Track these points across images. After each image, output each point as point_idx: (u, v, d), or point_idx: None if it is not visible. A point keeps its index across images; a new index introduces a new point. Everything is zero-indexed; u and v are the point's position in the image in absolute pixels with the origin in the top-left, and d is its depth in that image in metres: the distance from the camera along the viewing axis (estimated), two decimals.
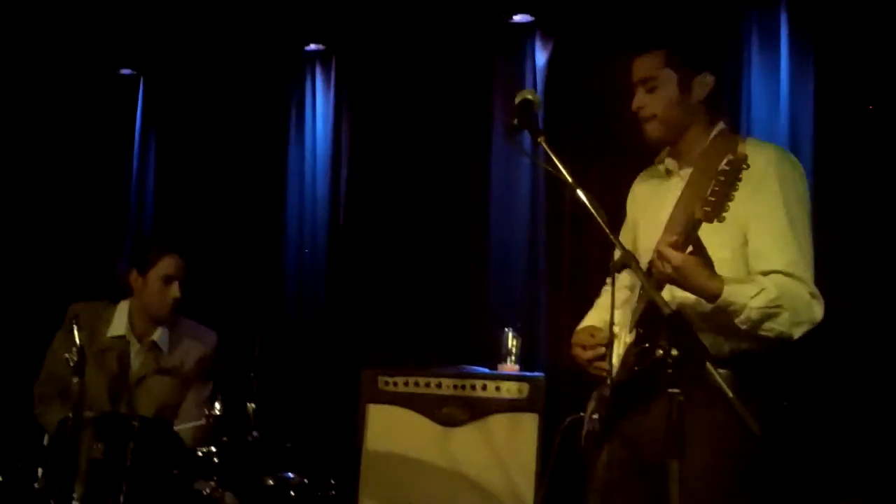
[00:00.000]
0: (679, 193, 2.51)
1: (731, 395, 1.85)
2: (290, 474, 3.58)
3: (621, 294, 2.77)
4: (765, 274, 2.33)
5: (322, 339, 4.55)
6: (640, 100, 2.58)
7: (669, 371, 1.94)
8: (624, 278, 2.67)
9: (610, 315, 2.32)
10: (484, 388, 3.76)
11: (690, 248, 2.18)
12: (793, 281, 2.32)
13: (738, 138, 2.27)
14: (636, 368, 2.35)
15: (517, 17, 4.37)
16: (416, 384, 3.82)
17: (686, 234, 2.16)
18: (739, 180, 1.99)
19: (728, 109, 3.81)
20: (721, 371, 1.91)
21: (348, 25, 4.63)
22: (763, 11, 3.90)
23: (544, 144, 2.31)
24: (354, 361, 4.16)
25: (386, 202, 4.55)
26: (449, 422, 3.74)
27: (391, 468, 3.75)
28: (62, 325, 3.46)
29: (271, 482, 3.52)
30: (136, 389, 3.59)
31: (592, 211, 2.19)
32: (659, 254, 2.19)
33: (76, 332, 3.05)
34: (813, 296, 2.34)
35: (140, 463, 3.00)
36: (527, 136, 2.42)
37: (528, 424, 3.67)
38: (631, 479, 2.49)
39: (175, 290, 3.57)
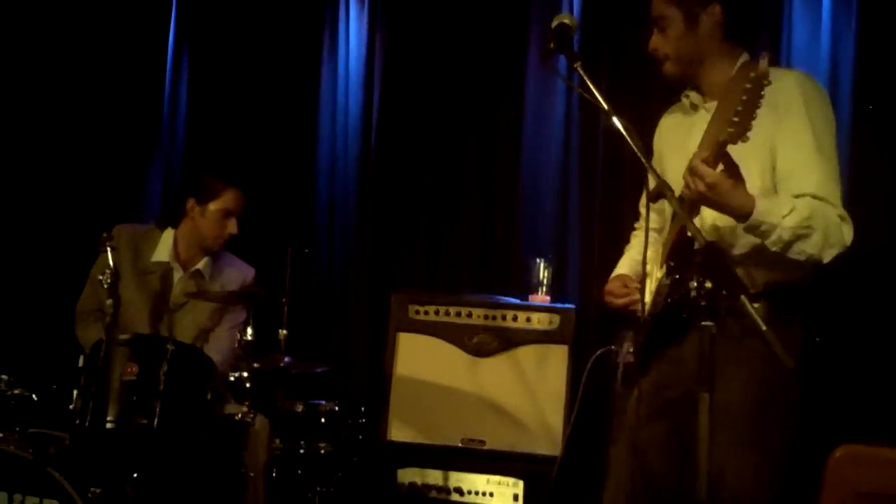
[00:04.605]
0: (706, 126, 2.47)
1: (764, 327, 1.83)
2: (322, 400, 3.63)
3: (649, 236, 2.75)
4: (795, 197, 2.29)
5: (353, 265, 4.55)
6: (654, 41, 2.56)
7: (703, 303, 1.91)
8: (654, 219, 2.64)
9: (644, 245, 2.29)
10: (514, 318, 3.76)
11: (721, 168, 2.14)
12: (822, 203, 2.29)
13: None
14: (668, 301, 2.33)
15: None
16: (447, 313, 3.82)
17: (715, 155, 2.12)
18: (762, 96, 1.95)
19: (769, 42, 3.76)
20: (755, 304, 1.88)
21: None
22: None
23: (580, 70, 2.26)
24: (385, 288, 4.17)
25: (418, 126, 4.49)
26: (479, 351, 3.75)
27: (420, 396, 3.77)
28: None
29: (301, 408, 3.56)
30: (176, 314, 3.63)
31: (628, 138, 2.15)
32: (692, 170, 2.15)
33: (109, 255, 3.09)
34: (842, 218, 2.31)
35: (173, 385, 3.03)
36: (563, 61, 2.36)
37: (558, 356, 3.68)
38: (657, 416, 2.49)
39: (233, 225, 3.63)
